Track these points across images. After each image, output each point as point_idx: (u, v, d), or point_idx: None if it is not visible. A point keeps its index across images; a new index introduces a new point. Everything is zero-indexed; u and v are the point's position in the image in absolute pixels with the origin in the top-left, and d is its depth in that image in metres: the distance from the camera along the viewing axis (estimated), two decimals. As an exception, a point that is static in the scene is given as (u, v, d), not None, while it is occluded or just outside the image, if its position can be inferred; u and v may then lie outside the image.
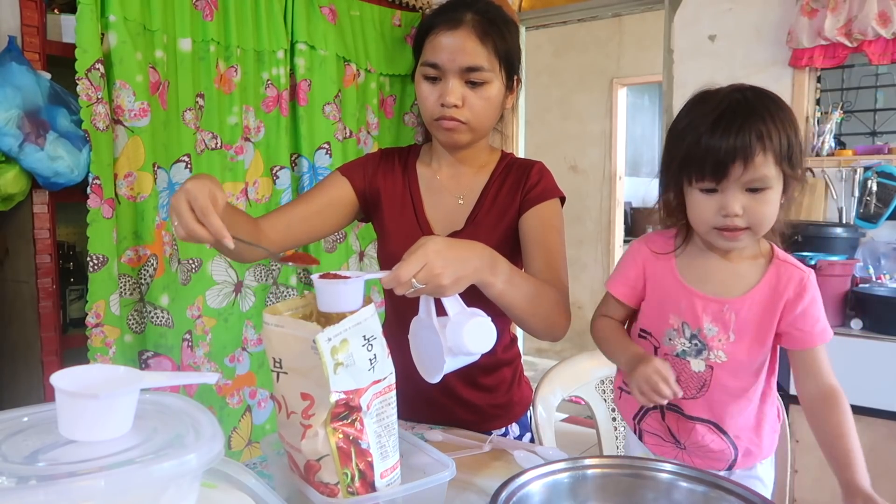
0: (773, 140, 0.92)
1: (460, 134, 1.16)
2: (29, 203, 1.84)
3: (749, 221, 0.95)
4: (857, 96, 2.65)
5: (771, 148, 0.92)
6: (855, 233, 2.36)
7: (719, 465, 1.06)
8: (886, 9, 2.19)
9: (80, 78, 1.82)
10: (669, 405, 1.07)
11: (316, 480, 0.78)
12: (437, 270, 0.86)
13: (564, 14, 3.11)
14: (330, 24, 2.55)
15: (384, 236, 1.24)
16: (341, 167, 1.26)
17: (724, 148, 0.92)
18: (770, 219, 0.96)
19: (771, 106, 0.94)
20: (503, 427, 1.28)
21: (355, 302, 0.81)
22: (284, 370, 0.79)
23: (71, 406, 0.55)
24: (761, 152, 0.91)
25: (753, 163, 0.92)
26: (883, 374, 2.10)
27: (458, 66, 1.11)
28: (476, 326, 0.90)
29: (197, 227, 0.86)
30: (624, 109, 5.00)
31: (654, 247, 1.10)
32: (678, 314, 1.04)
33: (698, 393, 1.04)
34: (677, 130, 1.00)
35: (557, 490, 0.84)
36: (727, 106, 0.94)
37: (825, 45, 2.33)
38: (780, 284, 1.00)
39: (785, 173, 0.94)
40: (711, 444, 1.05)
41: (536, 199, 1.18)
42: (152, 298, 2.04)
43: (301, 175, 2.50)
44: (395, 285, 0.86)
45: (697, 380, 1.04)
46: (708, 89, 1.00)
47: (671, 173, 1.01)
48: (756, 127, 0.92)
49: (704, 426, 1.05)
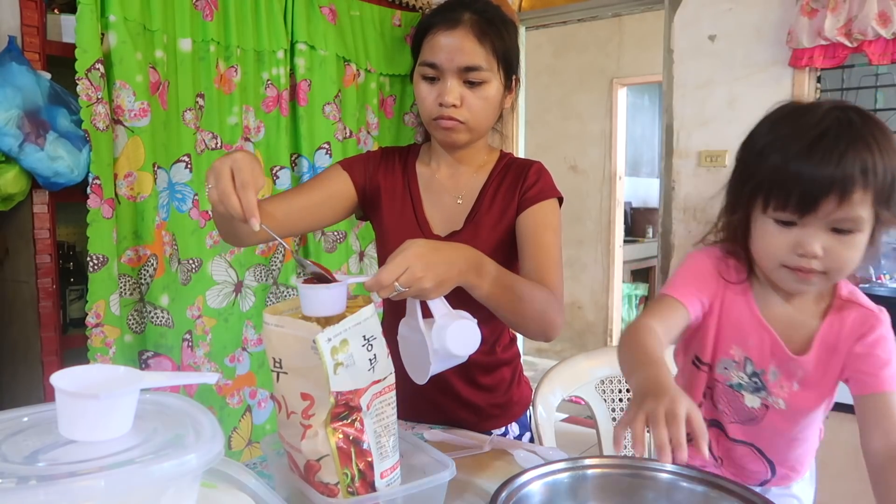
0: (878, 175, 0.78)
1: (458, 133, 1.16)
2: (29, 203, 1.84)
3: (827, 266, 0.83)
4: (857, 96, 2.65)
5: (874, 185, 0.78)
6: (855, 233, 2.36)
7: (752, 481, 1.01)
8: (886, 9, 2.18)
9: (80, 78, 1.82)
10: (711, 420, 1.01)
11: (316, 480, 0.78)
12: (418, 274, 0.87)
13: (564, 14, 3.11)
14: (330, 24, 2.55)
15: (383, 235, 1.24)
16: (342, 161, 1.26)
17: (818, 178, 0.78)
18: (852, 265, 0.83)
19: (878, 134, 0.81)
20: (503, 426, 1.28)
21: (339, 307, 0.81)
22: (284, 370, 0.79)
23: (71, 406, 0.55)
24: (861, 189, 0.78)
25: (850, 200, 0.78)
26: (883, 374, 2.10)
27: (456, 65, 1.11)
28: (459, 329, 0.90)
29: (233, 195, 0.87)
30: (624, 109, 4.99)
31: (724, 273, 0.98)
32: (744, 348, 0.96)
33: (746, 423, 0.99)
34: (758, 147, 0.87)
35: (557, 490, 0.84)
36: (828, 127, 0.80)
37: (825, 45, 2.32)
38: (844, 329, 0.92)
39: (878, 216, 0.81)
40: (750, 465, 1.01)
41: (533, 199, 1.18)
42: (152, 298, 2.04)
43: (301, 175, 2.50)
44: (377, 289, 0.86)
45: (748, 413, 0.98)
46: (799, 102, 0.87)
47: (743, 194, 0.88)
48: (861, 157, 0.78)
49: (745, 448, 1.01)
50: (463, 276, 0.94)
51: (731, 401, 0.99)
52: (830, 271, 0.83)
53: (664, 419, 0.68)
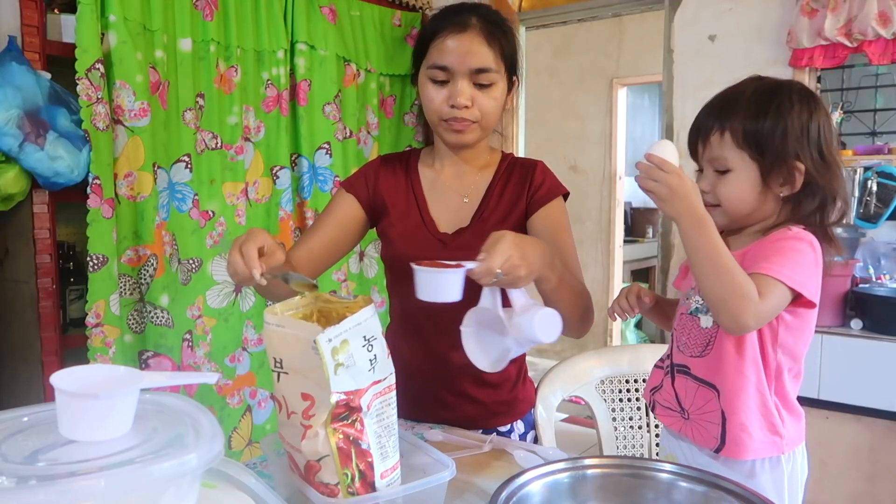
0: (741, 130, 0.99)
1: (470, 134, 1.19)
2: (29, 203, 1.84)
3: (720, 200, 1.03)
4: (857, 96, 2.65)
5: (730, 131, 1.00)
6: (855, 233, 2.36)
7: (710, 441, 1.05)
8: (886, 9, 2.18)
9: (80, 78, 1.82)
10: (678, 366, 1.10)
11: (316, 481, 0.78)
12: (516, 262, 0.91)
13: (564, 14, 3.11)
14: (330, 24, 2.55)
15: (389, 238, 1.26)
16: (344, 182, 1.30)
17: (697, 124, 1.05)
18: (736, 201, 1.03)
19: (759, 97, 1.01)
20: (508, 424, 1.29)
21: (456, 293, 0.85)
22: (285, 370, 0.79)
23: (71, 406, 0.55)
24: (718, 133, 1.00)
25: (709, 142, 1.01)
26: (883, 374, 2.10)
27: (467, 67, 1.14)
28: (546, 317, 0.93)
29: (236, 256, 0.93)
30: (624, 109, 4.99)
31: None
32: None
33: (704, 351, 1.06)
34: None
35: (557, 490, 0.84)
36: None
37: (825, 46, 2.32)
38: (764, 241, 1.03)
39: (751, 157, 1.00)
40: (709, 413, 1.06)
41: (544, 198, 1.22)
42: (152, 298, 2.04)
43: (301, 175, 2.50)
44: (484, 275, 0.90)
45: (704, 337, 1.06)
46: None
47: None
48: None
49: (707, 390, 1.06)
50: (543, 269, 0.98)
51: (692, 329, 1.08)
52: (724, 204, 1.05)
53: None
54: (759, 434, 1.03)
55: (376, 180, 1.27)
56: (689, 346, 1.09)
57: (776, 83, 1.03)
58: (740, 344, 1.03)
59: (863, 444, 2.19)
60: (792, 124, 0.99)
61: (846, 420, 2.20)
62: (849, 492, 2.20)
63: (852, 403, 2.17)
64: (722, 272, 0.94)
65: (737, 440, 1.03)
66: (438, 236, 1.23)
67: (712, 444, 1.05)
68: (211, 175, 2.22)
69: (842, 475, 2.20)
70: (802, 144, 1.00)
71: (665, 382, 1.14)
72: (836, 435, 2.22)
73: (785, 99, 1.00)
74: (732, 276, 0.93)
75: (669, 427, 1.13)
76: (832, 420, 1.03)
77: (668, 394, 1.13)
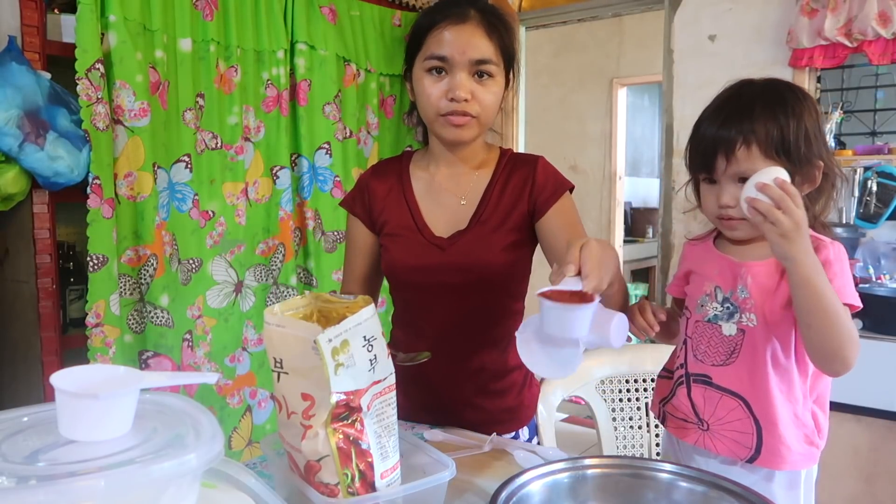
0: (757, 134, 0.95)
1: (469, 130, 1.16)
2: (29, 203, 1.84)
3: (741, 213, 0.96)
4: (857, 96, 2.65)
5: (755, 141, 0.95)
6: (855, 233, 2.37)
7: (742, 451, 1.02)
8: (886, 9, 2.18)
9: (80, 78, 1.82)
10: (696, 375, 1.06)
11: (316, 481, 0.78)
12: (602, 272, 0.88)
13: (564, 14, 3.11)
14: (330, 24, 2.55)
15: (385, 246, 1.25)
16: (343, 203, 1.30)
17: (714, 137, 0.98)
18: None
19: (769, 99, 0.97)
20: (514, 431, 1.28)
21: (586, 328, 0.83)
22: (285, 370, 0.79)
23: (71, 406, 0.55)
24: (744, 146, 0.95)
25: (735, 156, 0.95)
26: (883, 374, 2.10)
27: (468, 58, 1.11)
28: (620, 322, 0.90)
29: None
30: (624, 109, 4.99)
31: (694, 239, 1.15)
32: (710, 279, 1.06)
33: (728, 359, 1.03)
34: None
35: (557, 490, 0.84)
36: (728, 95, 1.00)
37: (825, 45, 2.32)
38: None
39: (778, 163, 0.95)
40: (736, 423, 1.02)
41: (552, 198, 1.19)
42: (152, 298, 2.04)
43: (301, 175, 2.50)
44: (596, 291, 0.85)
45: (728, 345, 1.03)
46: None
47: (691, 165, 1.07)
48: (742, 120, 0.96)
49: (732, 400, 1.03)
50: (616, 274, 0.96)
51: (711, 337, 1.05)
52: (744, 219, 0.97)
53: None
54: (797, 445, 1.01)
55: (369, 196, 1.26)
56: (710, 355, 1.05)
57: (772, 85, 1.01)
58: (774, 352, 1.00)
59: (863, 445, 2.19)
60: (809, 125, 0.97)
61: (846, 420, 2.20)
62: (848, 492, 2.20)
63: (852, 403, 2.17)
64: (837, 320, 0.89)
65: (773, 450, 1.01)
66: (434, 241, 1.19)
67: (743, 454, 1.02)
68: (211, 175, 2.22)
69: (841, 475, 2.20)
70: (819, 142, 0.99)
71: (679, 392, 1.10)
72: (836, 435, 2.21)
73: (792, 101, 0.98)
74: (846, 321, 0.89)
75: (682, 440, 1.09)
76: (832, 420, 1.03)
77: (682, 405, 1.09)
